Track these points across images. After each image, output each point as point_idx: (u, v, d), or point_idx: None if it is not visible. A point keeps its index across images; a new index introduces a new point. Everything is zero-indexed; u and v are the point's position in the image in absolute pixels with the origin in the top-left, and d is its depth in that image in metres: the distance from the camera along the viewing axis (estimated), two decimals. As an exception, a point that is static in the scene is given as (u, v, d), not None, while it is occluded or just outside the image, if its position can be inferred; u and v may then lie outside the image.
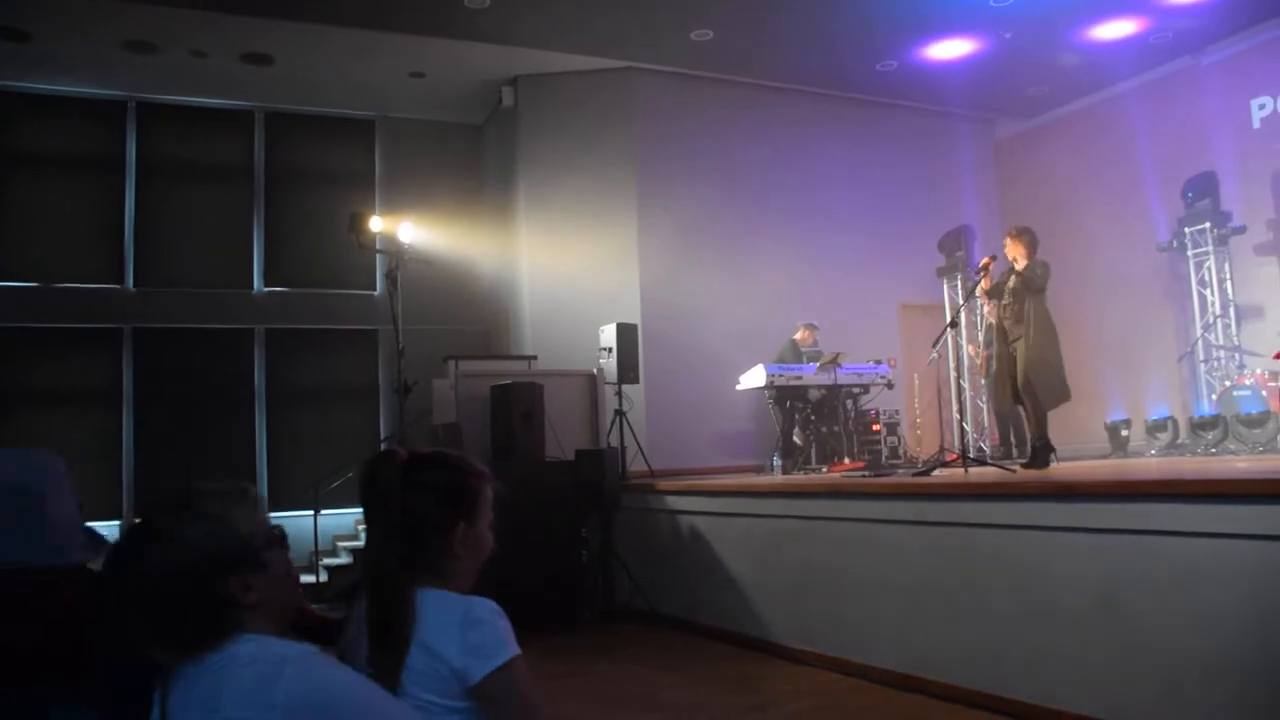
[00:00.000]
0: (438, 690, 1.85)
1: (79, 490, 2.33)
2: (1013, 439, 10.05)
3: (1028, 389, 7.02)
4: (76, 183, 11.75)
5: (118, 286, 11.72)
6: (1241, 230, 10.38)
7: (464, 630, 1.86)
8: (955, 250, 11.59)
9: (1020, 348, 7.10)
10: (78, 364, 11.52)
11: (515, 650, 1.88)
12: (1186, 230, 10.69)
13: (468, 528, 2.02)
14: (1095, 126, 12.16)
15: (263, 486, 11.54)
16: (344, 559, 10.79)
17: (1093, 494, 4.59)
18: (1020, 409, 7.77)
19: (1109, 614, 4.41)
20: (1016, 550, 4.94)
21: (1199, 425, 9.36)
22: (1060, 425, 7.86)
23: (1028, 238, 7.23)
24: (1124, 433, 10.09)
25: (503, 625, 1.90)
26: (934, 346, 7.72)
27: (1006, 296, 7.20)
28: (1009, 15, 10.02)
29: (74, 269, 11.58)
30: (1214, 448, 8.98)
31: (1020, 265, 7.20)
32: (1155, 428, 9.93)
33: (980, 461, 7.68)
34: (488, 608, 1.91)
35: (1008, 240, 7.34)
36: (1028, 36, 10.49)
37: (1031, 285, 7.07)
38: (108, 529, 8.85)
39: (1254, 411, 8.75)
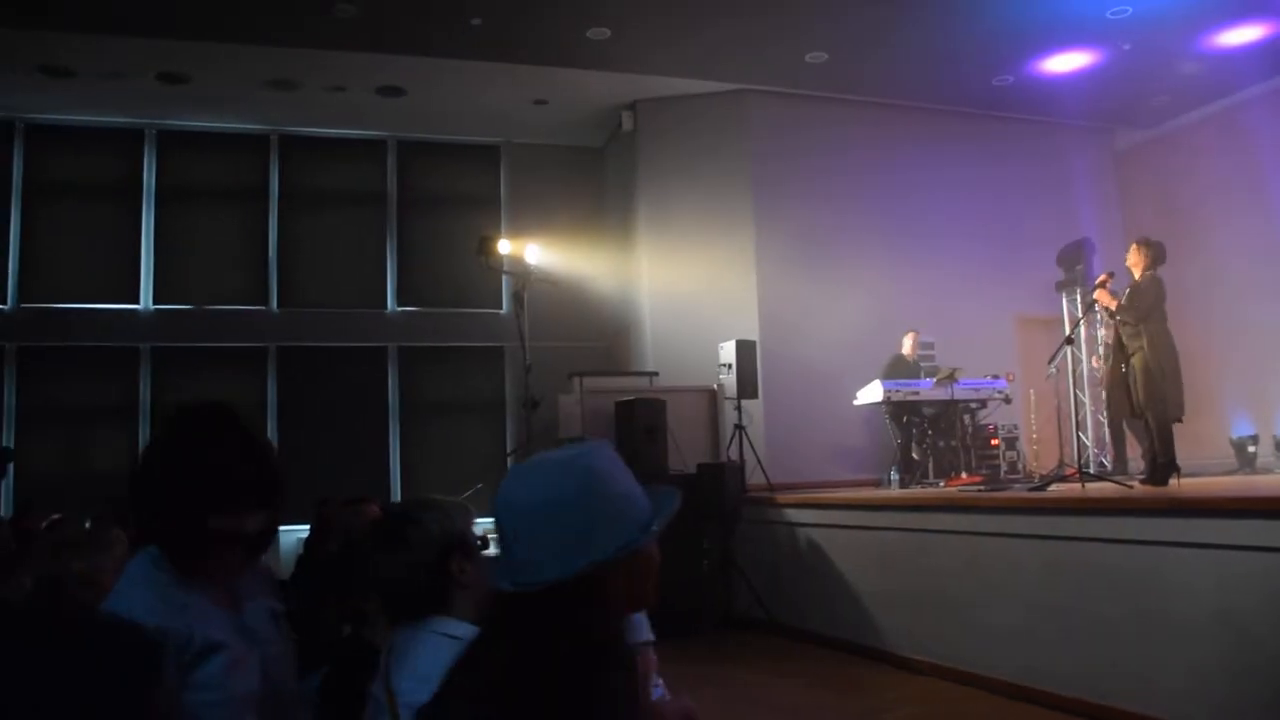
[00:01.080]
0: None
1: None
2: (1127, 454, 10.00)
3: (1147, 404, 7.05)
4: (225, 211, 12.61)
5: (263, 308, 12.48)
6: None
7: None
8: (1074, 264, 11.50)
9: (1137, 361, 7.13)
10: (229, 380, 12.30)
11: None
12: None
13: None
14: (1220, 134, 11.94)
15: (396, 496, 12.10)
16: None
17: (1207, 509, 4.70)
18: (1140, 423, 7.78)
19: (1223, 629, 4.51)
20: (1131, 564, 5.05)
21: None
22: (1187, 440, 7.82)
23: (1149, 250, 7.25)
24: (1251, 448, 9.93)
25: None
26: (1050, 363, 7.81)
27: (1124, 310, 7.23)
28: (1127, 26, 9.98)
29: (224, 292, 12.39)
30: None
31: (1136, 277, 7.24)
32: (1284, 443, 9.77)
33: (1099, 477, 7.72)
34: None
35: (1130, 250, 7.38)
36: (1147, 46, 10.42)
37: (1135, 302, 7.11)
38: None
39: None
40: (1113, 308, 7.32)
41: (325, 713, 2.43)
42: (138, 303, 12.09)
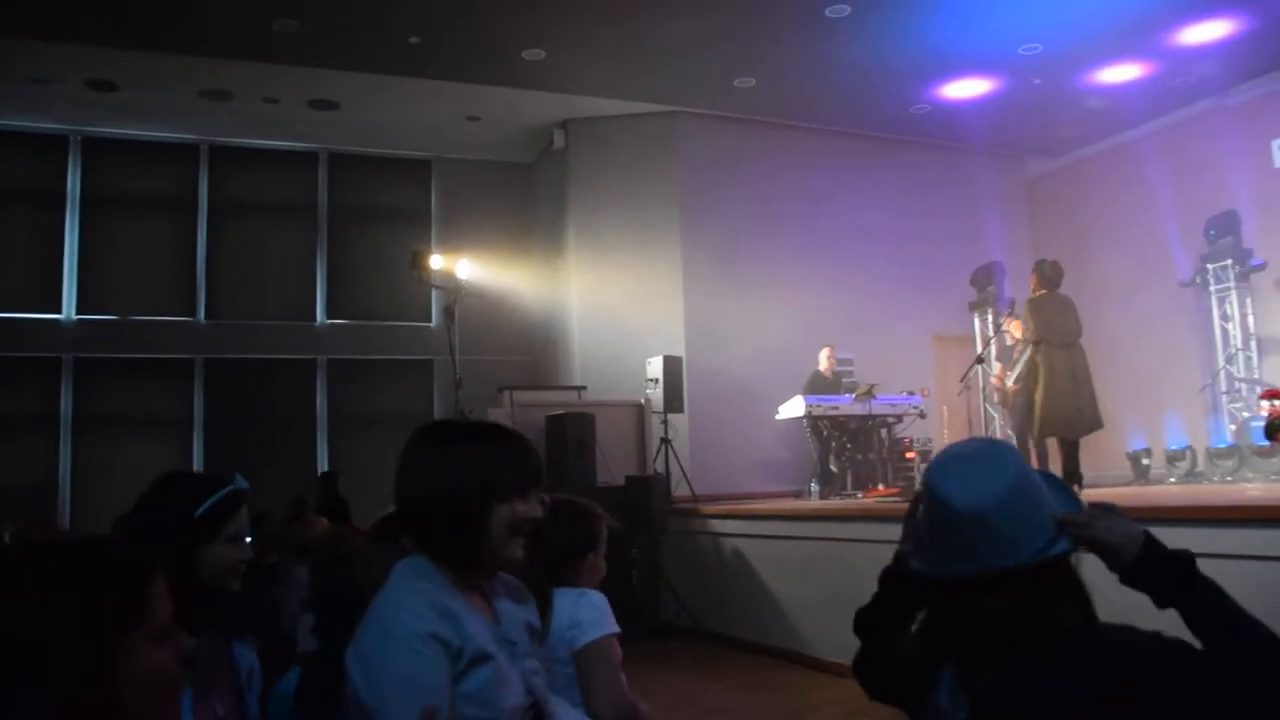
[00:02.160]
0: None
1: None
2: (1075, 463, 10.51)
3: (1047, 424, 7.55)
4: (153, 221, 12.55)
5: (190, 319, 12.43)
6: (1262, 267, 10.77)
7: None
8: (986, 285, 12.05)
9: (1038, 381, 7.63)
10: (153, 392, 12.24)
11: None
12: (1209, 267, 11.10)
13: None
14: (1121, 166, 12.57)
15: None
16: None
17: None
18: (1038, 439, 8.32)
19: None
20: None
21: (1216, 455, 9.76)
22: (1087, 453, 8.30)
23: (1038, 274, 7.80)
24: (1145, 461, 10.49)
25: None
26: (961, 380, 8.24)
27: (1028, 336, 7.74)
28: (1037, 62, 10.52)
29: (151, 303, 12.32)
30: (1230, 476, 9.38)
31: (1034, 302, 7.78)
32: (1174, 457, 10.33)
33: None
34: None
35: (1031, 278, 7.91)
36: (1056, 81, 10.97)
37: (1025, 325, 7.65)
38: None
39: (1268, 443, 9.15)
40: (1020, 336, 7.83)
41: (300, 716, 2.59)
42: (60, 312, 11.96)
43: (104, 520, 10.90)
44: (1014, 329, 7.88)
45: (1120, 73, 10.87)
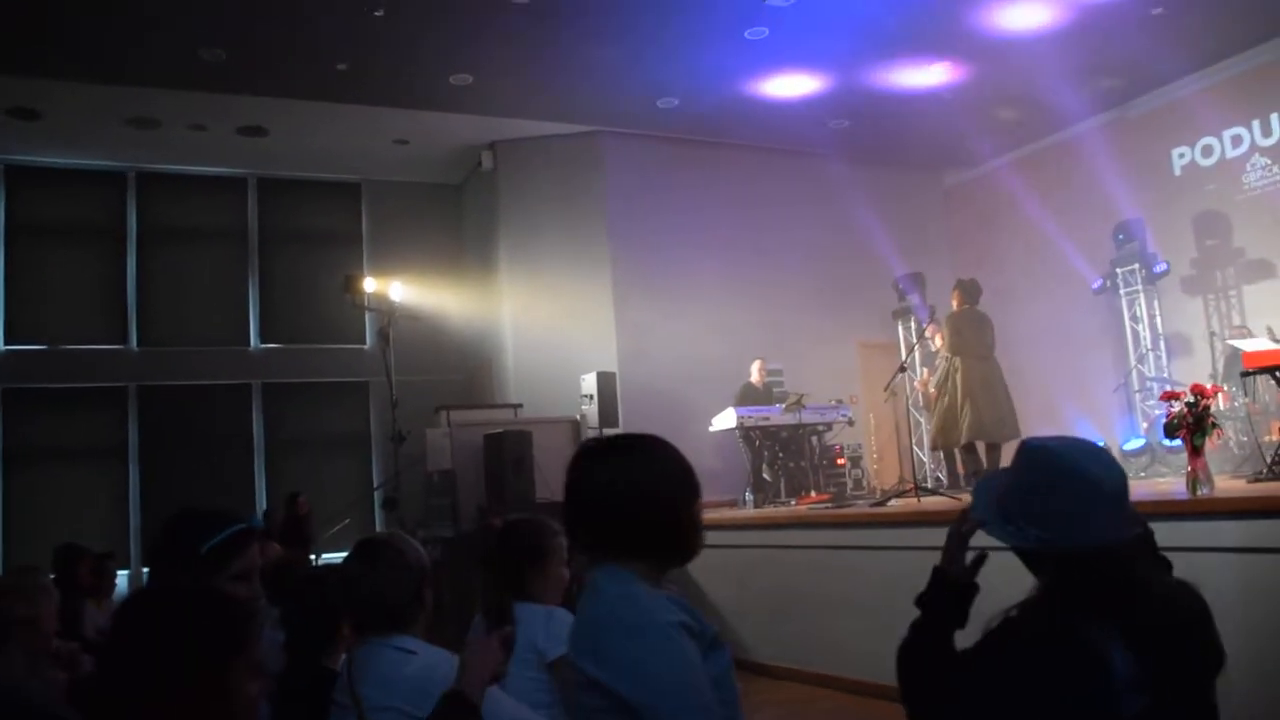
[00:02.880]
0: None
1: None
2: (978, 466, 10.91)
3: (969, 428, 7.93)
4: (80, 249, 12.49)
5: (122, 347, 12.37)
6: (1166, 271, 11.28)
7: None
8: (907, 293, 12.44)
9: (960, 391, 8.02)
10: (86, 421, 12.17)
11: None
12: (1118, 271, 11.59)
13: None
14: (1035, 174, 13.08)
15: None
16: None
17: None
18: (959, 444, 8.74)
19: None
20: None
21: (1130, 454, 10.21)
22: (1008, 456, 8.68)
23: (961, 290, 8.22)
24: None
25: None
26: (885, 389, 8.57)
27: (946, 349, 8.13)
28: (948, 85, 10.96)
29: (80, 331, 12.25)
30: (1143, 472, 9.83)
31: (956, 317, 8.18)
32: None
33: (933, 492, 8.50)
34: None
35: (952, 294, 8.31)
36: (967, 94, 11.39)
37: (948, 337, 8.05)
38: (120, 577, 9.38)
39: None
40: (943, 347, 8.22)
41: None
42: (-13, 343, 11.85)
43: (39, 551, 10.89)
44: (937, 338, 8.34)
45: (1035, 86, 11.30)
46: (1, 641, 3.06)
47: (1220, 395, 8.86)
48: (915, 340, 10.65)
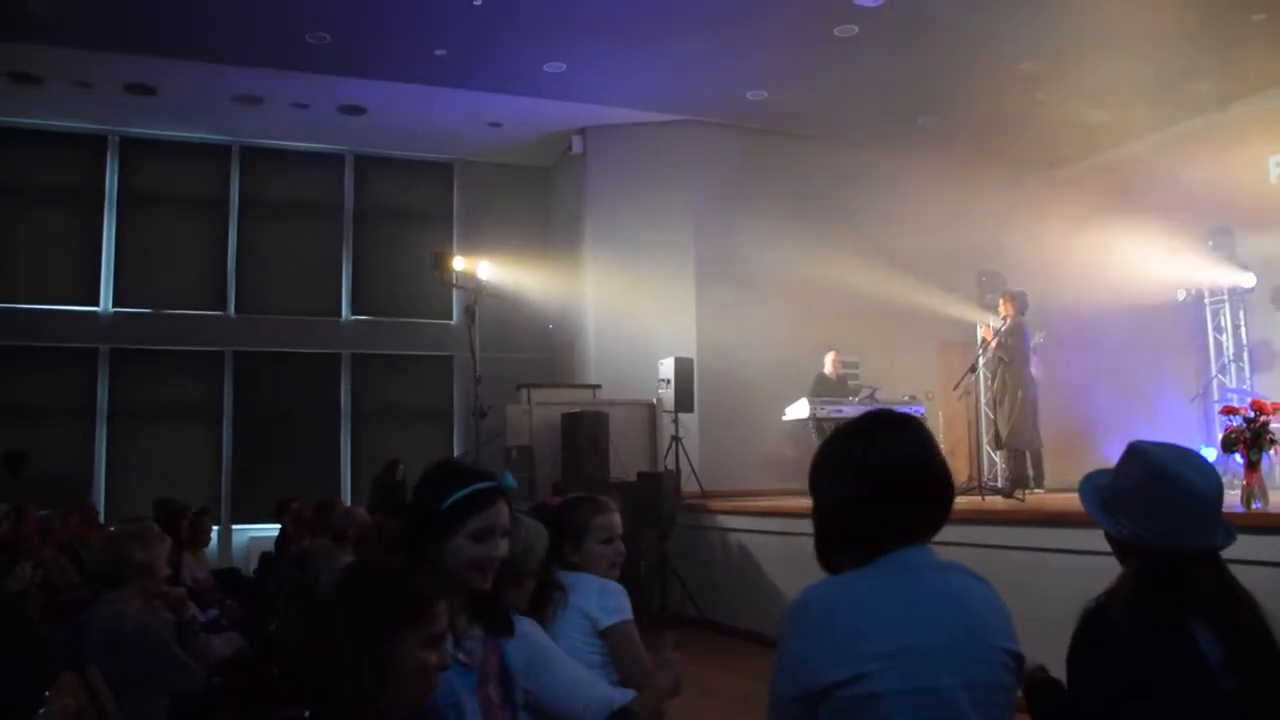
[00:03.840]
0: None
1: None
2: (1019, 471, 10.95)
3: (1008, 434, 8.10)
4: (186, 219, 13.08)
5: (220, 313, 12.94)
6: (1256, 281, 11.10)
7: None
8: (985, 294, 12.41)
9: (1005, 397, 8.19)
10: (184, 383, 12.77)
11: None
12: (1205, 279, 11.44)
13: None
14: (1121, 178, 12.91)
15: (347, 498, 12.58)
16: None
17: (1071, 522, 5.51)
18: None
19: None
20: (1012, 566, 5.85)
21: (1208, 463, 10.12)
22: (1081, 462, 8.70)
23: (1012, 301, 8.31)
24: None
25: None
26: (955, 388, 8.67)
27: (996, 353, 8.27)
28: (1039, 78, 10.89)
29: (182, 297, 12.83)
30: (1216, 483, 9.73)
31: (1005, 326, 8.31)
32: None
33: (997, 490, 8.59)
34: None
35: (1001, 302, 8.42)
36: (1057, 94, 11.32)
37: (1007, 345, 8.16)
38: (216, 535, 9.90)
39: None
40: (992, 343, 8.35)
41: None
42: (98, 305, 12.48)
43: (137, 504, 11.50)
44: (987, 334, 8.58)
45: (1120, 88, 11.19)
46: (123, 582, 3.41)
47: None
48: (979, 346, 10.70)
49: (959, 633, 1.83)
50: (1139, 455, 2.25)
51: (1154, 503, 2.16)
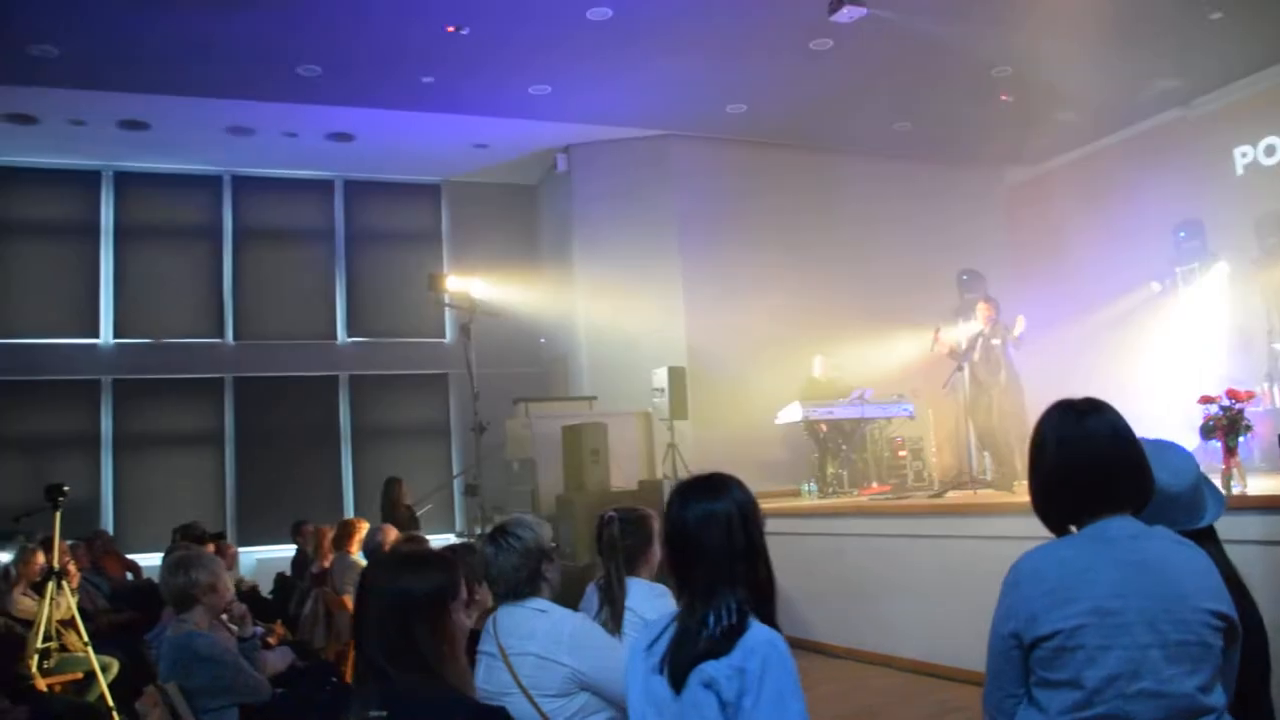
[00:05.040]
0: None
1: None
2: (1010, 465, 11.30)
3: (1001, 427, 8.46)
4: (181, 249, 13.28)
5: (219, 340, 13.17)
6: (1227, 270, 11.46)
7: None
8: (966, 292, 12.71)
9: (995, 396, 8.53)
10: (186, 410, 12.99)
11: None
12: (1178, 270, 11.80)
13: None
14: (1094, 173, 13.30)
15: (350, 516, 12.78)
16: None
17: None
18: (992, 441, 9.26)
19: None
20: (1007, 557, 6.15)
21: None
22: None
23: (991, 304, 8.75)
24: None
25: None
26: (944, 386, 8.99)
27: (978, 354, 8.62)
28: (1008, 82, 11.25)
29: (181, 325, 13.06)
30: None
31: (988, 329, 8.67)
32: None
33: (987, 484, 8.91)
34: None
35: (980, 305, 8.84)
36: (1027, 96, 11.67)
37: (988, 348, 8.56)
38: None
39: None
40: (987, 330, 8.72)
41: None
42: (98, 337, 12.70)
43: (145, 530, 11.74)
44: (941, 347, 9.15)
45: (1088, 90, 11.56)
46: (192, 602, 3.68)
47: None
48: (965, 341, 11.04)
49: (1152, 595, 2.13)
50: None
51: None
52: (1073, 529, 2.36)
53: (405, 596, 2.25)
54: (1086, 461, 2.29)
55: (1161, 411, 11.71)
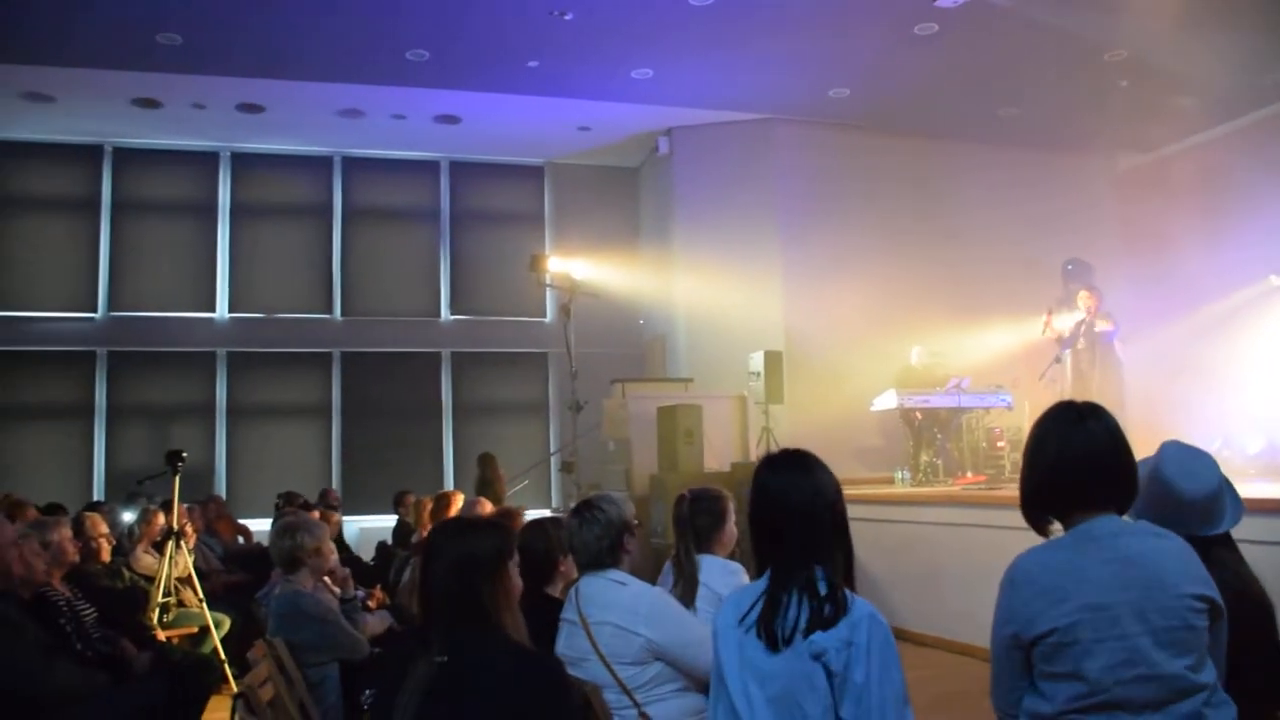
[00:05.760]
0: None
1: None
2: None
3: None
4: (293, 227, 13.78)
5: (328, 316, 13.63)
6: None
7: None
8: (1071, 282, 12.45)
9: (1095, 386, 8.39)
10: (296, 383, 13.50)
11: None
12: (1295, 263, 11.39)
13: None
14: (1211, 161, 12.87)
15: (450, 488, 13.13)
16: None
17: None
18: None
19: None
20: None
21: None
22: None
23: (1095, 294, 8.58)
24: (1224, 454, 10.83)
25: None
26: (1040, 378, 8.89)
27: (1081, 343, 8.47)
28: (1123, 66, 10.96)
29: (292, 301, 13.55)
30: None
31: (1091, 318, 8.51)
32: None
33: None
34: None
35: (1083, 294, 8.66)
36: (1142, 81, 11.36)
37: (1090, 338, 8.41)
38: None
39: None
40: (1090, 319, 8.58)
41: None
42: (214, 311, 13.25)
43: (257, 497, 12.21)
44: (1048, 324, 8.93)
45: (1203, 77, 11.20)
46: (298, 565, 3.90)
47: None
48: (1067, 333, 10.80)
49: (1138, 587, 2.28)
50: (1156, 454, 2.81)
51: (1147, 496, 2.67)
52: (1055, 525, 2.52)
53: (470, 558, 2.49)
54: (1085, 461, 2.43)
55: (1275, 411, 11.44)
